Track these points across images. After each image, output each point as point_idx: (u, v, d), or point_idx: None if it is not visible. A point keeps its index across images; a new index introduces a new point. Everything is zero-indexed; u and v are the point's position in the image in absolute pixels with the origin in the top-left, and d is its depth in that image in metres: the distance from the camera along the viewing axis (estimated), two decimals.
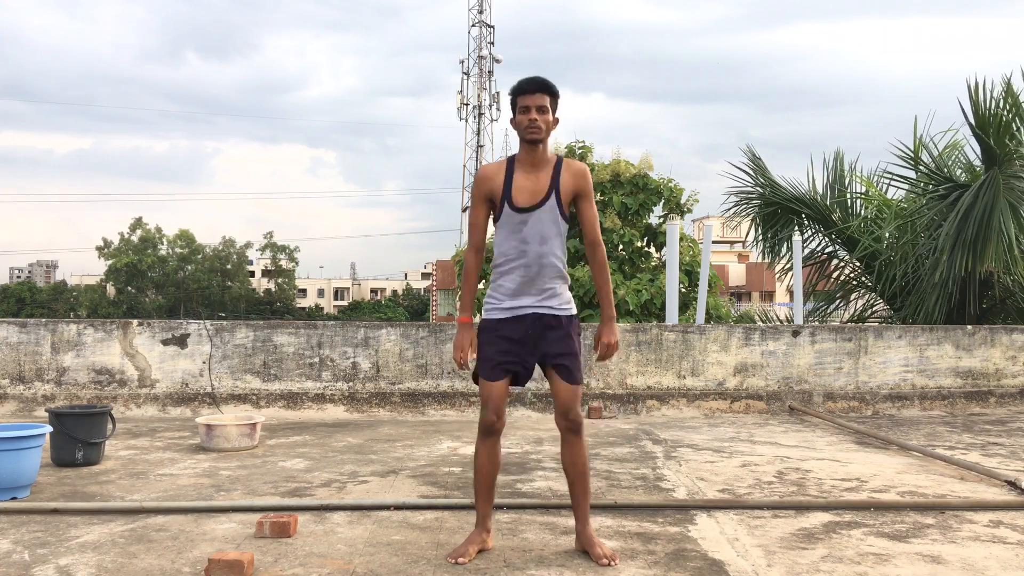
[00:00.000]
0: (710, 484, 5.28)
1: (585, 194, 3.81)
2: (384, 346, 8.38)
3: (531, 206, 3.74)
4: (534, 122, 3.71)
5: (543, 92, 3.74)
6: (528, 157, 3.78)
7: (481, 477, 3.83)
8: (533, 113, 3.71)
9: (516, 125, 3.78)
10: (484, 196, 3.82)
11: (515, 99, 3.78)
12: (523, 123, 3.73)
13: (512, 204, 3.74)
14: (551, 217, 3.75)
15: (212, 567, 3.40)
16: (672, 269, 10.17)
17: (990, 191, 10.35)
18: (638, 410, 8.43)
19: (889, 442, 6.79)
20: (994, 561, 3.80)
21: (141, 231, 75.61)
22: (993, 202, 10.25)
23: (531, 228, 3.75)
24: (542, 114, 3.72)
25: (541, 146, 3.78)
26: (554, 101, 3.78)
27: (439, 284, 46.99)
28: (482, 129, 51.79)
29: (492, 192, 3.79)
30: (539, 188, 3.75)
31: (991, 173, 10.54)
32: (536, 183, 3.76)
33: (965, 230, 10.37)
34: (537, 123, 3.71)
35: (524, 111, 3.73)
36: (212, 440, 6.25)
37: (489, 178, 3.80)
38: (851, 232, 12.72)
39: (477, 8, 51.61)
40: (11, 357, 8.13)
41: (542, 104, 3.72)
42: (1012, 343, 9.12)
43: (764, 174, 13.40)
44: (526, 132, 3.73)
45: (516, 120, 3.77)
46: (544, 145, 3.79)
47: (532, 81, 3.76)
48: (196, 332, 8.30)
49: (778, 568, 3.67)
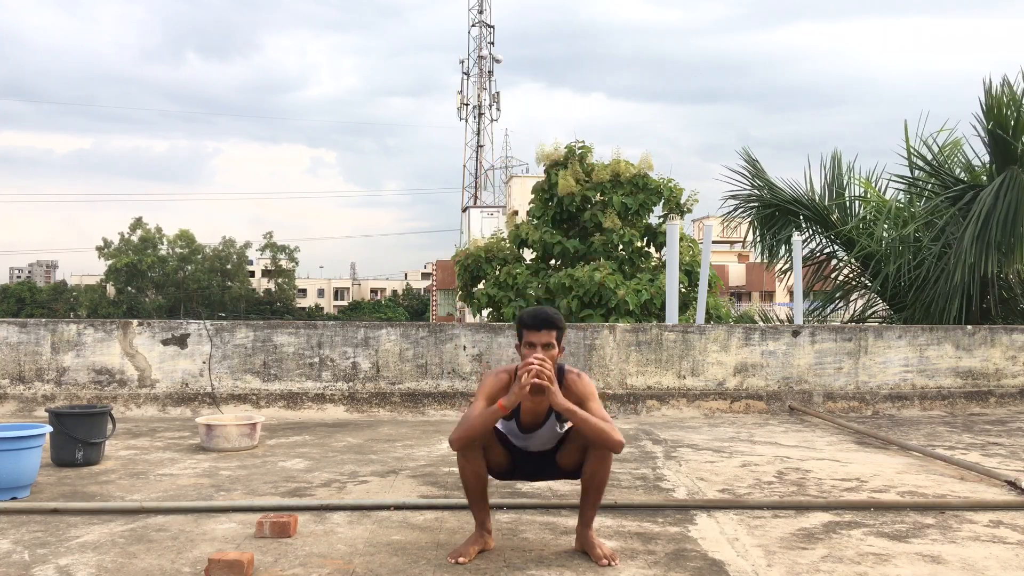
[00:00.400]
0: (710, 484, 5.28)
1: (586, 400, 3.76)
2: (384, 346, 8.38)
3: (534, 427, 3.88)
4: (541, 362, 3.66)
5: (549, 329, 3.74)
6: None
7: (472, 487, 3.84)
8: (539, 352, 3.70)
9: (521, 357, 3.77)
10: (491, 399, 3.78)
11: (520, 331, 3.80)
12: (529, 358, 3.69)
13: (519, 424, 3.88)
14: (551, 431, 3.89)
15: (212, 567, 3.40)
16: (672, 269, 10.17)
17: (1012, 191, 10.32)
18: (638, 410, 8.43)
19: (889, 442, 6.79)
20: (994, 561, 3.81)
21: (141, 231, 75.63)
22: (1018, 202, 10.22)
23: (534, 441, 3.92)
24: (548, 351, 3.72)
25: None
26: (560, 334, 3.78)
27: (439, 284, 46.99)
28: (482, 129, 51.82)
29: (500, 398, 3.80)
30: (541, 410, 3.82)
31: (1010, 172, 10.51)
32: (539, 404, 3.78)
33: (988, 231, 10.35)
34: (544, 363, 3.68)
35: (529, 347, 3.74)
36: (212, 440, 6.25)
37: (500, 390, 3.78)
38: (850, 232, 12.72)
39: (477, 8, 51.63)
40: (11, 357, 8.13)
41: (548, 341, 3.73)
42: (1012, 343, 9.12)
43: (762, 176, 13.40)
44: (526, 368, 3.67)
45: (522, 352, 3.77)
46: None
47: (537, 318, 3.75)
48: (196, 332, 8.30)
49: (778, 568, 3.67)
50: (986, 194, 10.53)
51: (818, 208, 13.06)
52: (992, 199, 10.40)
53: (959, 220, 11.14)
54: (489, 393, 3.79)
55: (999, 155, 10.95)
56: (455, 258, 18.83)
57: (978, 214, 10.40)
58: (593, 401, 3.76)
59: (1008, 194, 10.33)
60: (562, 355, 3.84)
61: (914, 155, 12.31)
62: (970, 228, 10.43)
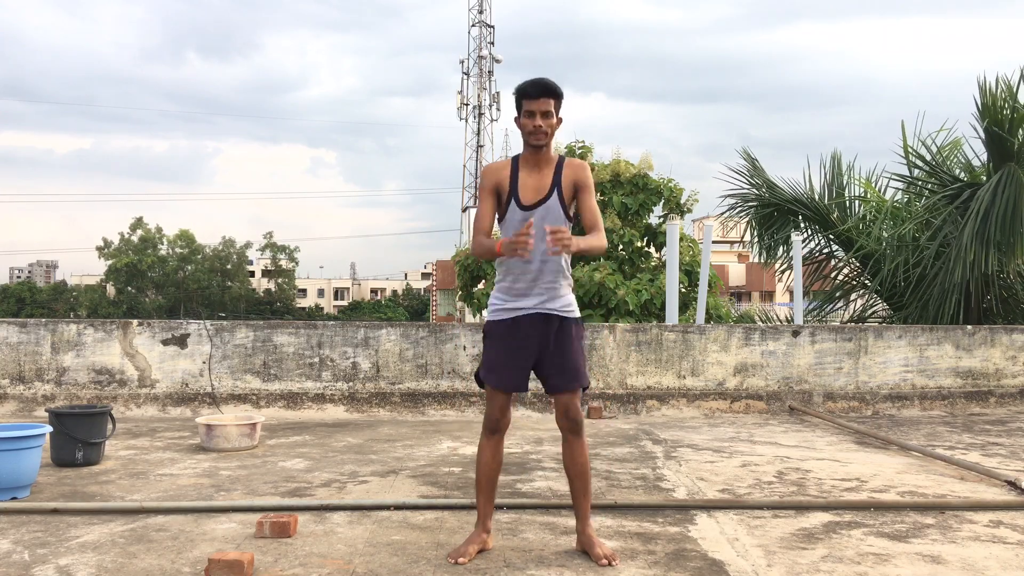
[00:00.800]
0: (710, 484, 5.28)
1: (584, 186, 3.85)
2: (384, 346, 8.38)
3: (535, 203, 3.80)
4: (539, 128, 3.75)
5: (547, 96, 3.76)
6: (532, 157, 3.84)
7: (483, 474, 3.85)
8: (538, 119, 3.74)
9: (520, 126, 3.82)
10: (492, 188, 3.85)
11: (519, 101, 3.81)
12: (527, 127, 3.77)
13: (519, 201, 3.80)
14: (554, 215, 3.80)
15: (212, 567, 3.40)
16: (672, 269, 10.17)
17: (1010, 187, 10.32)
18: (638, 410, 8.43)
19: (889, 442, 6.79)
20: (994, 561, 3.81)
21: (141, 231, 75.63)
22: (1016, 198, 10.22)
23: (534, 225, 3.76)
24: (546, 119, 3.76)
25: (545, 148, 3.83)
26: (558, 103, 3.81)
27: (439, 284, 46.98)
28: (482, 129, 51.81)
29: (500, 185, 3.84)
30: (542, 185, 3.81)
31: (1007, 168, 10.52)
32: (540, 181, 3.81)
33: (987, 228, 10.35)
34: (542, 128, 3.76)
35: (528, 116, 3.76)
36: (212, 440, 6.25)
37: (496, 172, 3.86)
38: (849, 232, 12.72)
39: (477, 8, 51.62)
40: (11, 357, 8.13)
41: (546, 109, 3.76)
42: (1012, 343, 9.12)
43: (761, 175, 13.40)
44: (530, 137, 3.78)
45: (520, 122, 3.81)
46: (547, 147, 3.84)
47: (535, 85, 3.78)
48: (196, 332, 8.30)
49: (778, 568, 3.67)
50: (984, 191, 10.53)
51: (818, 207, 13.06)
52: (990, 196, 10.40)
53: (956, 219, 11.14)
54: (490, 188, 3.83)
55: (996, 152, 10.96)
56: (455, 258, 18.84)
57: (976, 211, 10.40)
58: (591, 193, 3.84)
59: (1006, 190, 10.33)
60: (559, 125, 3.84)
61: (912, 155, 12.31)
62: (969, 225, 10.43)
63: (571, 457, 3.86)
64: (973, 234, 10.39)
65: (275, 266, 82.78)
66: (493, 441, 3.86)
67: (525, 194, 3.80)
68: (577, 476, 3.85)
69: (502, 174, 3.84)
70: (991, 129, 10.72)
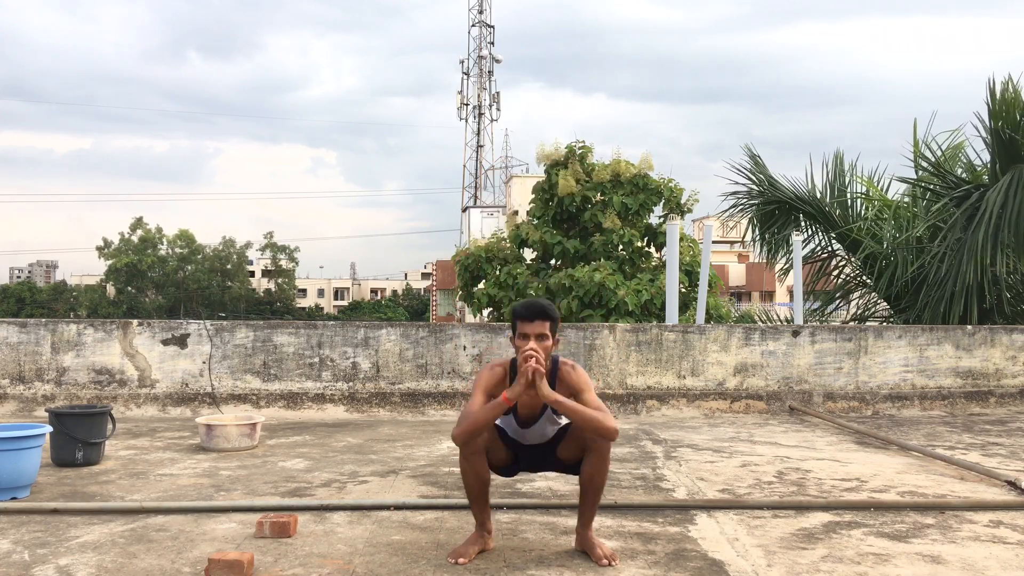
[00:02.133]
0: (710, 484, 5.28)
1: (579, 390, 3.81)
2: (384, 346, 8.38)
3: (531, 420, 3.89)
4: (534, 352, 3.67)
5: (542, 319, 3.74)
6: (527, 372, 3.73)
7: (472, 490, 3.85)
8: (532, 342, 3.70)
9: (515, 348, 3.79)
10: (488, 391, 3.84)
11: (514, 322, 3.82)
12: (522, 349, 3.72)
13: (517, 418, 3.89)
14: (549, 421, 3.90)
15: (212, 567, 3.40)
16: (672, 269, 10.17)
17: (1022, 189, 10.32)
18: (638, 410, 8.43)
19: (889, 442, 6.78)
20: (994, 561, 3.80)
21: (141, 231, 75.61)
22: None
23: (531, 433, 3.93)
24: (541, 342, 3.72)
25: None
26: (553, 325, 3.78)
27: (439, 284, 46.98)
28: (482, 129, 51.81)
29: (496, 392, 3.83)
30: (536, 404, 3.81)
31: (1017, 170, 10.52)
32: (534, 398, 3.76)
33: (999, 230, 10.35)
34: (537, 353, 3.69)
35: (523, 339, 3.74)
36: (212, 440, 6.25)
37: (494, 379, 3.86)
38: (851, 232, 12.71)
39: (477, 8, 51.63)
40: (11, 357, 8.13)
41: (541, 332, 3.73)
42: (1012, 343, 9.12)
43: (763, 172, 13.39)
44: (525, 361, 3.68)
45: (515, 343, 3.79)
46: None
47: (531, 309, 3.77)
48: (196, 332, 8.30)
49: (778, 568, 3.67)
50: (994, 193, 10.50)
51: (819, 206, 13.05)
52: (1002, 198, 10.39)
53: (960, 220, 11.11)
54: (486, 387, 3.82)
55: (1004, 153, 10.94)
56: (455, 258, 18.83)
57: (989, 213, 10.38)
58: (587, 392, 3.78)
59: (1018, 192, 10.32)
60: (556, 347, 3.85)
61: (920, 155, 12.30)
62: (983, 227, 10.40)
63: (591, 472, 3.77)
64: (988, 236, 10.38)
65: (275, 266, 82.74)
66: (472, 459, 3.80)
67: (522, 411, 3.86)
68: (592, 490, 3.80)
69: (502, 385, 3.82)
70: (1001, 130, 10.71)
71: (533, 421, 3.89)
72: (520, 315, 3.78)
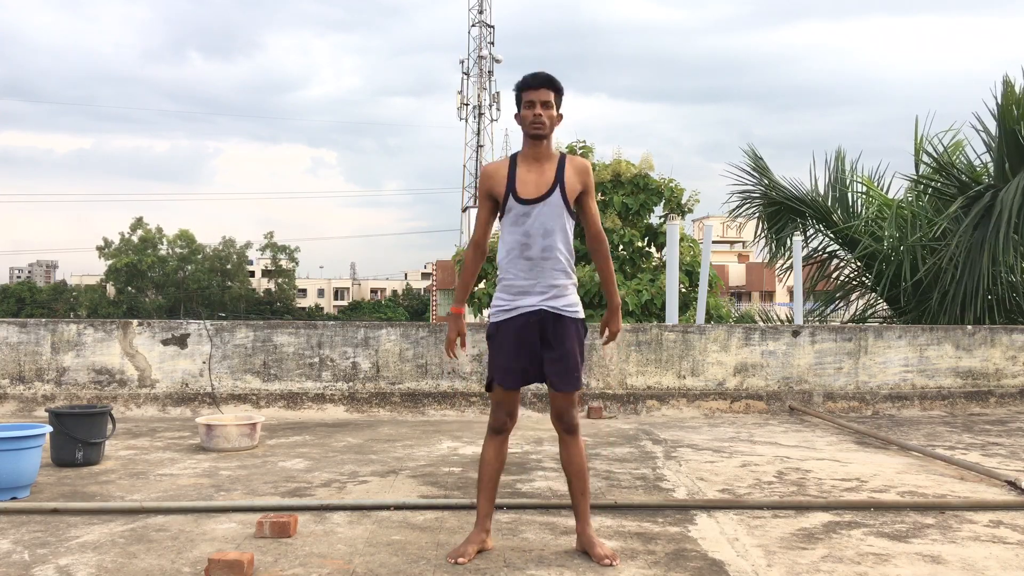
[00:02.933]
0: (710, 484, 5.28)
1: (588, 190, 3.85)
2: (384, 346, 8.38)
3: (535, 198, 3.75)
4: (539, 117, 3.74)
5: (547, 87, 3.76)
6: (532, 152, 3.81)
7: (486, 473, 3.84)
8: (538, 108, 3.73)
9: (520, 120, 3.80)
10: (487, 193, 3.86)
11: (519, 94, 3.80)
12: (527, 118, 3.75)
13: (516, 196, 3.76)
14: (556, 211, 3.76)
15: (212, 567, 3.40)
16: (672, 269, 10.17)
17: None
18: (638, 410, 8.43)
19: (889, 442, 6.78)
20: (994, 561, 3.80)
21: (141, 231, 75.61)
22: None
23: (535, 220, 3.75)
24: (546, 109, 3.75)
25: (545, 141, 3.80)
26: (558, 97, 3.80)
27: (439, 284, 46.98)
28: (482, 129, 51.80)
29: (495, 188, 3.81)
30: (543, 181, 3.76)
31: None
32: (540, 176, 3.77)
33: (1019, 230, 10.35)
34: (541, 118, 3.74)
35: (528, 106, 3.75)
36: (212, 440, 6.25)
37: (492, 175, 3.84)
38: (852, 232, 12.71)
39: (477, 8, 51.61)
40: (11, 357, 8.13)
41: (546, 99, 3.75)
42: (1012, 343, 9.12)
43: (766, 174, 13.40)
44: (530, 127, 3.75)
45: (520, 115, 3.80)
46: (548, 140, 3.82)
47: (536, 76, 3.79)
48: (196, 332, 8.30)
49: (778, 568, 3.67)
50: (1009, 193, 10.47)
51: (821, 206, 13.05)
52: (1020, 197, 10.37)
53: (973, 220, 11.07)
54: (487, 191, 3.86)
55: (1015, 153, 10.91)
56: (455, 258, 18.84)
57: (1009, 212, 10.35)
58: (592, 196, 3.88)
59: None
60: (560, 121, 3.84)
61: (922, 151, 12.29)
62: (1001, 227, 10.38)
63: (568, 457, 3.86)
64: (1007, 236, 10.36)
65: (275, 266, 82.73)
66: (498, 441, 3.86)
67: (525, 189, 3.75)
68: (575, 476, 3.84)
69: (497, 175, 3.81)
70: (1011, 129, 10.69)
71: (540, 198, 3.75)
72: (526, 83, 3.77)
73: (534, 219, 3.75)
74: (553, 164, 3.80)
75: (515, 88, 3.83)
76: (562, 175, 3.77)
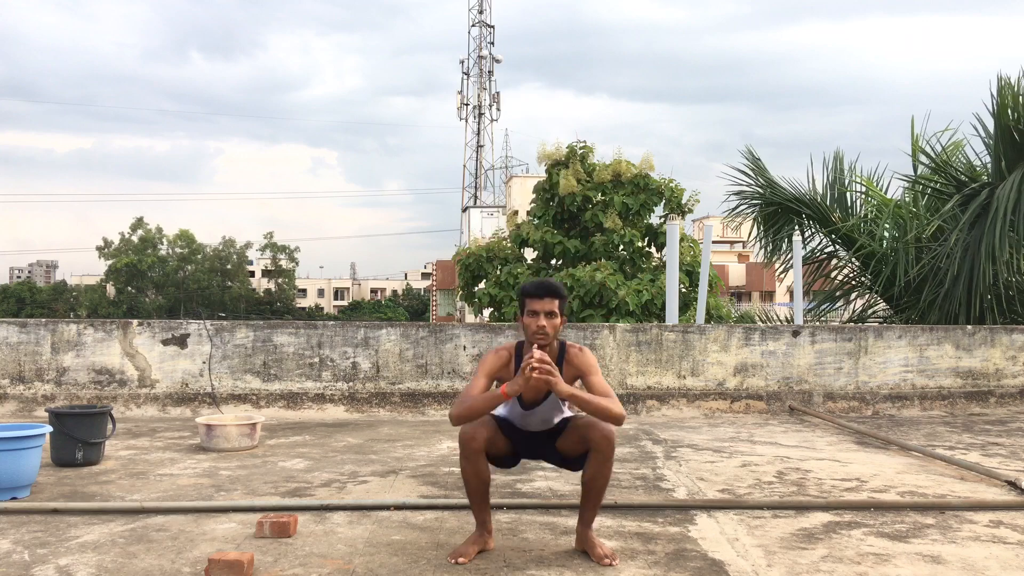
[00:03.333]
0: (710, 484, 5.28)
1: (586, 373, 3.83)
2: (384, 346, 8.38)
3: (535, 403, 3.85)
4: (542, 329, 3.73)
5: (552, 296, 3.76)
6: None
7: (472, 490, 3.84)
8: (542, 320, 3.73)
9: (523, 325, 3.80)
10: (491, 375, 3.84)
11: (523, 300, 3.82)
12: (531, 327, 3.75)
13: (520, 401, 3.84)
14: (554, 403, 3.86)
15: (212, 567, 3.40)
16: (672, 269, 10.17)
17: None
18: (638, 410, 8.43)
19: (889, 442, 6.78)
20: (994, 561, 3.80)
21: (141, 231, 75.62)
22: None
23: (535, 416, 3.89)
24: (550, 319, 3.75)
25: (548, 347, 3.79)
26: (562, 303, 3.81)
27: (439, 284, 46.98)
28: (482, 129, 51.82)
29: (501, 377, 3.84)
30: (542, 387, 3.71)
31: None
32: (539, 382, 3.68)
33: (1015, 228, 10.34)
34: (545, 330, 3.73)
35: (532, 315, 3.76)
36: (212, 440, 6.25)
37: (499, 363, 3.85)
38: (851, 232, 12.71)
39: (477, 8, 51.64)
40: (11, 357, 8.13)
41: (551, 309, 3.75)
42: (1012, 343, 9.12)
43: (764, 174, 13.40)
44: (534, 338, 3.74)
45: (524, 321, 3.80)
46: (550, 346, 3.81)
47: (540, 287, 3.79)
48: (196, 332, 8.30)
49: (778, 568, 3.67)
50: (1005, 190, 10.47)
51: (819, 207, 13.05)
52: (1015, 194, 10.37)
53: (969, 219, 11.08)
54: (490, 371, 3.82)
55: (1012, 151, 10.91)
56: (456, 257, 18.84)
57: (1004, 210, 10.36)
58: (595, 375, 3.80)
59: None
60: (564, 325, 3.85)
61: (920, 153, 12.29)
62: (997, 225, 10.38)
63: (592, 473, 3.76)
64: (1004, 233, 10.36)
65: (275, 266, 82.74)
66: (472, 460, 3.78)
67: (527, 394, 3.80)
68: (594, 492, 3.79)
69: (506, 369, 3.82)
70: (1009, 128, 10.69)
71: (537, 404, 3.85)
72: (529, 292, 3.79)
73: (535, 415, 3.88)
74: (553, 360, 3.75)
75: (518, 293, 3.86)
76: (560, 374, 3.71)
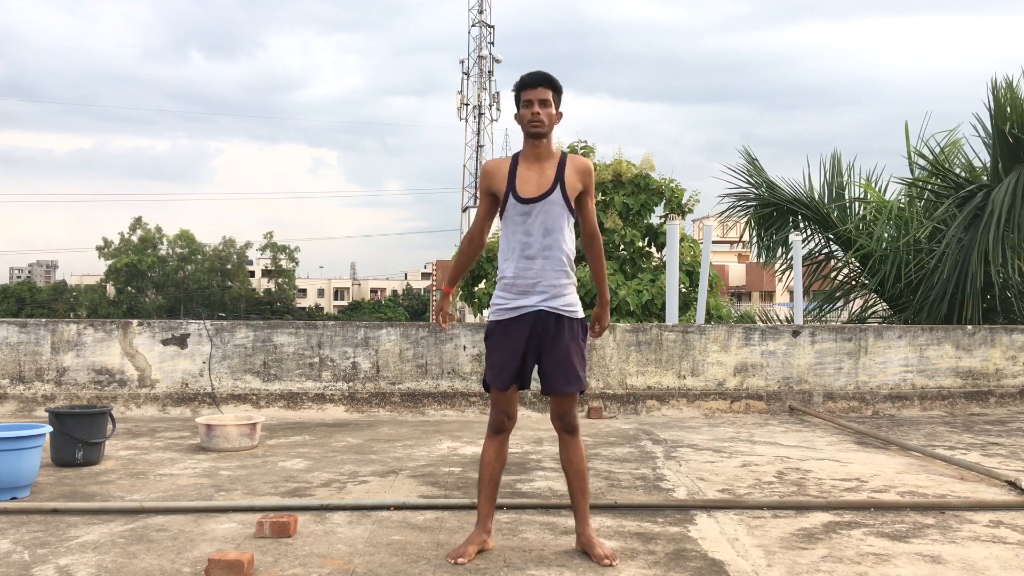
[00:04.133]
0: (710, 484, 5.28)
1: (588, 190, 3.85)
2: (384, 346, 8.38)
3: (536, 197, 3.75)
4: (537, 115, 3.74)
5: (545, 86, 3.77)
6: (532, 151, 3.81)
7: (486, 473, 3.84)
8: (535, 107, 3.74)
9: (519, 119, 3.82)
10: (487, 189, 3.87)
11: (518, 94, 3.82)
12: (526, 117, 3.76)
13: (517, 195, 3.76)
14: (556, 210, 3.75)
15: (212, 567, 3.40)
16: (672, 269, 10.17)
17: None
18: (638, 410, 8.43)
19: (889, 442, 6.78)
20: (994, 561, 3.80)
21: (141, 231, 75.62)
22: None
23: (535, 219, 3.75)
24: (544, 108, 3.75)
25: (545, 140, 3.81)
26: (556, 95, 3.81)
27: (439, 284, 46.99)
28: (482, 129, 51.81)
29: (496, 185, 3.82)
30: (544, 180, 3.76)
31: (1021, 169, 10.51)
32: (541, 175, 3.77)
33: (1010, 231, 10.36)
34: (540, 116, 3.74)
35: (527, 105, 3.76)
36: (212, 440, 6.25)
37: (493, 172, 3.85)
38: (849, 232, 12.71)
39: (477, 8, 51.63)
40: (11, 357, 8.13)
41: (544, 98, 3.75)
42: (1012, 343, 9.12)
43: (761, 175, 13.40)
44: (529, 126, 3.76)
45: (519, 114, 3.81)
46: (548, 139, 3.82)
47: (534, 75, 3.80)
48: (196, 332, 8.30)
49: (778, 568, 3.67)
50: (1000, 193, 10.47)
51: (817, 208, 13.05)
52: (1010, 197, 10.38)
53: (964, 220, 11.09)
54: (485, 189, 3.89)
55: (1008, 153, 10.92)
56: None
57: (998, 213, 10.36)
58: (592, 196, 3.88)
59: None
60: (559, 119, 3.84)
61: (915, 155, 12.31)
62: (992, 227, 10.38)
63: (567, 457, 3.86)
64: (999, 236, 10.36)
65: (275, 266, 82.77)
66: (497, 440, 3.85)
67: (525, 188, 3.75)
68: (574, 476, 3.85)
69: (498, 173, 3.81)
70: (1005, 130, 10.69)
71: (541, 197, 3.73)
72: (524, 83, 3.79)
73: (535, 218, 3.74)
74: (554, 163, 3.80)
75: (513, 88, 3.85)
76: (563, 174, 3.77)
